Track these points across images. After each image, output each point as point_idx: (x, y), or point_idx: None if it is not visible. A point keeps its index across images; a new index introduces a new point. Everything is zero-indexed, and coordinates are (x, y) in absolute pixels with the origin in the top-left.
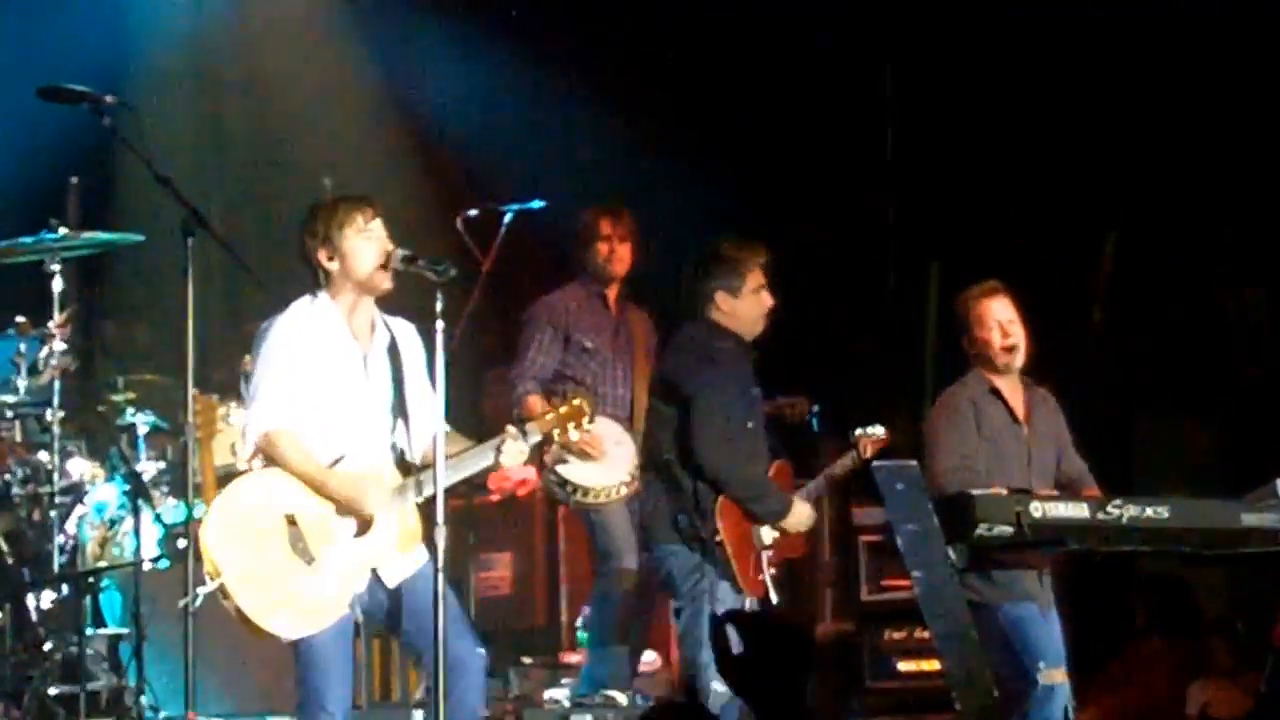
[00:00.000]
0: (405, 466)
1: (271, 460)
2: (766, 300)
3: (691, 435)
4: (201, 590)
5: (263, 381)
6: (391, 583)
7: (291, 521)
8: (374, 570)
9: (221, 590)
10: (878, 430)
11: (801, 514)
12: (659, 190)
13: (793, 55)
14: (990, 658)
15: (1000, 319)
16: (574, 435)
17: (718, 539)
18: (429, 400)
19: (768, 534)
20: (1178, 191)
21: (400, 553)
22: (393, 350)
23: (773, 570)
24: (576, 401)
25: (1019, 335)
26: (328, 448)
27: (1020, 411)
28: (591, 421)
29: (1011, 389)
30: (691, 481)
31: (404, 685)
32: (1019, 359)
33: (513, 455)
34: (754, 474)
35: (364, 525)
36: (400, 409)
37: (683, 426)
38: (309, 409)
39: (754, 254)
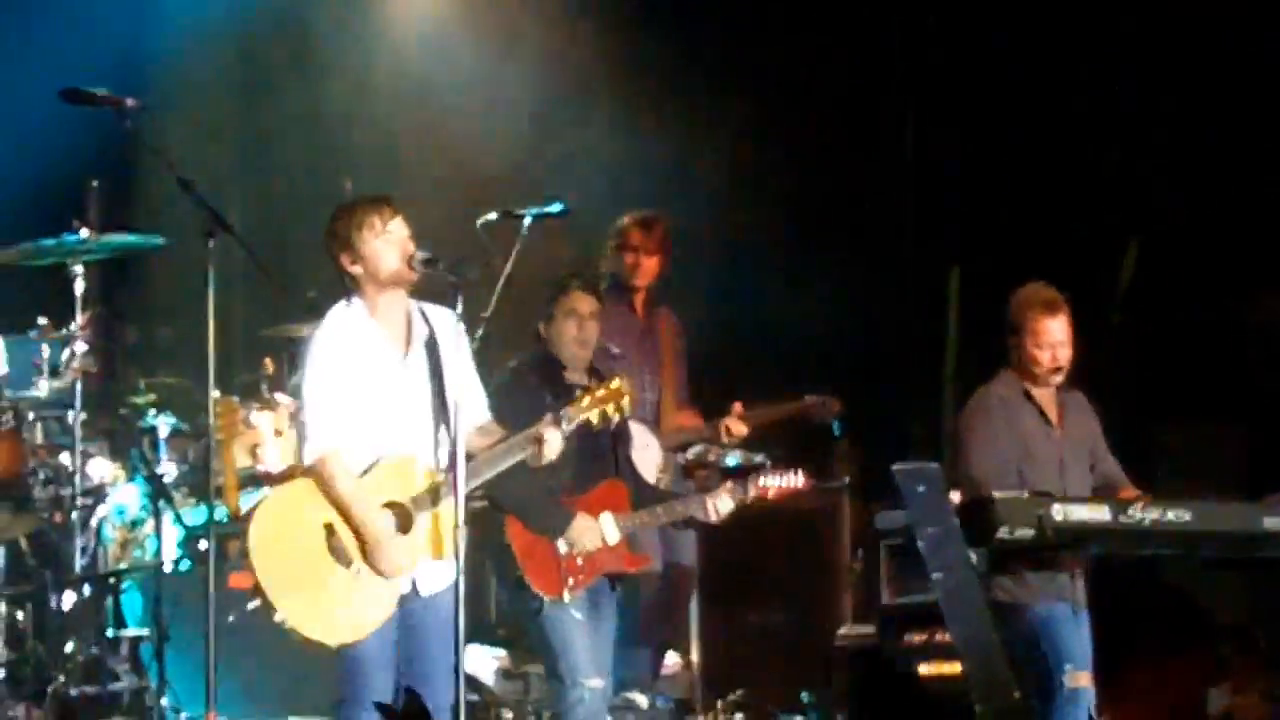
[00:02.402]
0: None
1: (320, 481)
2: (572, 329)
3: None
4: (249, 606)
5: (311, 404)
6: (425, 590)
7: (331, 530)
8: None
9: (264, 599)
10: (795, 479)
11: (582, 531)
12: (679, 195)
13: (811, 60)
14: (1017, 658)
15: (1055, 340)
16: (614, 415)
17: (505, 542)
18: (473, 387)
19: (563, 543)
20: (1199, 197)
21: (435, 558)
22: (431, 344)
23: (581, 578)
24: (615, 384)
25: (1066, 359)
26: (367, 448)
27: (1053, 414)
28: (631, 401)
29: (1044, 392)
30: None
31: None
32: (1060, 379)
33: (554, 446)
34: (522, 487)
35: (404, 527)
36: (441, 400)
37: None
38: (350, 415)
39: (565, 281)
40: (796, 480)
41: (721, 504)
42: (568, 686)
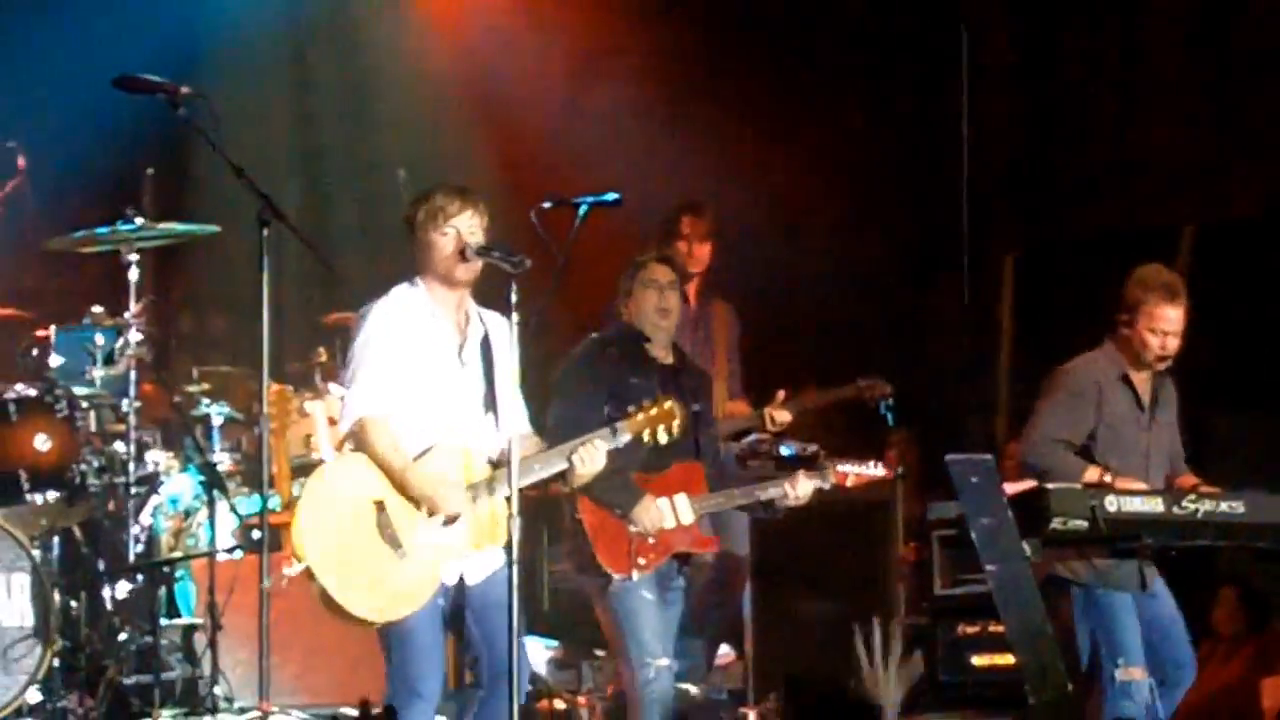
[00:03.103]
0: (493, 458)
1: (361, 446)
2: (653, 299)
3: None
4: (287, 571)
5: (360, 367)
6: (472, 579)
7: (380, 507)
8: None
9: (309, 573)
10: (873, 469)
11: (650, 514)
12: (735, 184)
13: (868, 47)
14: (1073, 637)
15: (1170, 329)
16: (663, 438)
17: (577, 518)
18: (515, 397)
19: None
20: (1254, 186)
21: (481, 549)
22: (485, 344)
23: (652, 557)
24: (668, 405)
25: (1174, 349)
26: (421, 434)
27: (1147, 400)
28: (682, 426)
29: (1142, 376)
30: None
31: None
32: (1162, 367)
33: (590, 462)
34: None
35: (452, 515)
36: (491, 401)
37: None
38: (405, 394)
39: (649, 260)
40: (876, 470)
41: (801, 487)
42: (636, 667)
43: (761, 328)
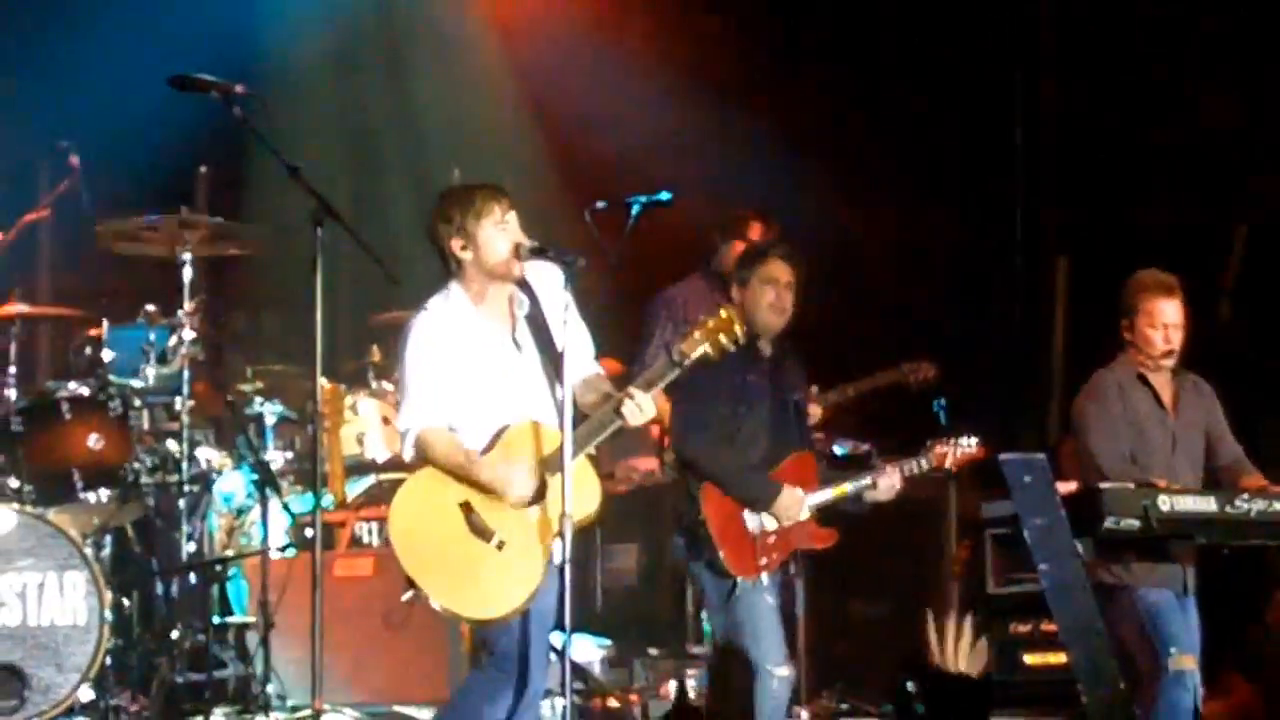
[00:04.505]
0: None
1: (427, 461)
2: (769, 295)
3: (670, 423)
4: (405, 599)
5: (407, 387)
6: (557, 558)
7: (468, 508)
8: None
9: (425, 597)
10: (970, 444)
11: (790, 504)
12: (786, 186)
13: (921, 48)
14: (1123, 641)
15: (1168, 322)
16: (727, 344)
17: (700, 519)
18: (580, 338)
19: (753, 520)
20: None
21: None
22: (534, 316)
23: (775, 556)
24: (724, 313)
25: (1178, 342)
26: (490, 422)
27: (1167, 398)
28: (742, 328)
29: (1159, 376)
30: (679, 469)
31: None
32: (1172, 362)
33: (642, 412)
34: (730, 458)
35: (538, 495)
36: (555, 367)
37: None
38: (461, 402)
39: (766, 248)
40: (971, 447)
41: (894, 477)
42: (758, 674)
43: (815, 334)
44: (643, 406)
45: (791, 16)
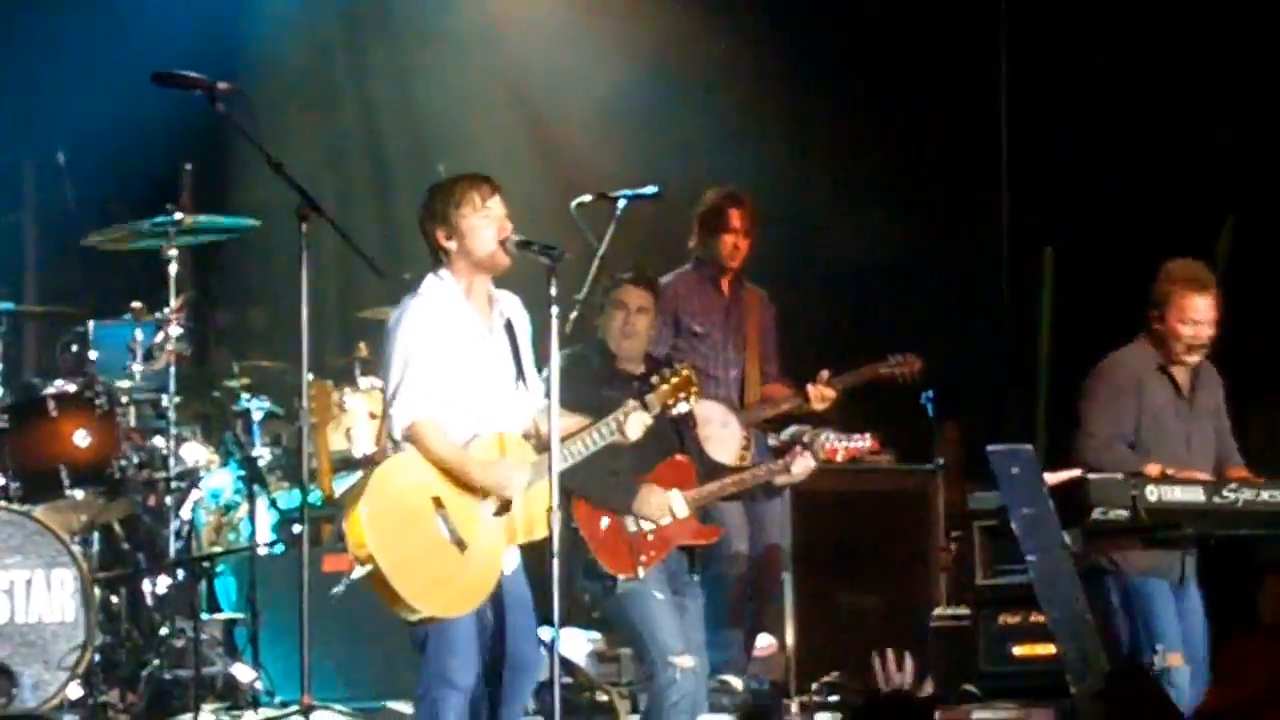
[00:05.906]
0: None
1: (418, 447)
2: (618, 320)
3: None
4: (349, 577)
5: (403, 373)
6: (508, 569)
7: (439, 503)
8: None
9: (376, 574)
10: (857, 442)
11: (654, 503)
12: (774, 177)
13: (906, 41)
14: (1110, 626)
15: (1200, 319)
16: (682, 406)
17: (573, 525)
18: (532, 372)
19: (631, 522)
20: None
21: (531, 535)
22: (508, 326)
23: (653, 553)
24: (685, 373)
25: (1207, 338)
26: (464, 424)
27: (1186, 388)
28: (699, 391)
29: (1179, 366)
30: None
31: None
32: (1198, 358)
33: (636, 427)
34: (585, 467)
35: (504, 505)
36: (519, 378)
37: None
38: (446, 389)
39: (624, 281)
40: (864, 442)
41: (796, 465)
42: (658, 668)
43: (802, 324)
44: (643, 422)
45: (771, 15)
